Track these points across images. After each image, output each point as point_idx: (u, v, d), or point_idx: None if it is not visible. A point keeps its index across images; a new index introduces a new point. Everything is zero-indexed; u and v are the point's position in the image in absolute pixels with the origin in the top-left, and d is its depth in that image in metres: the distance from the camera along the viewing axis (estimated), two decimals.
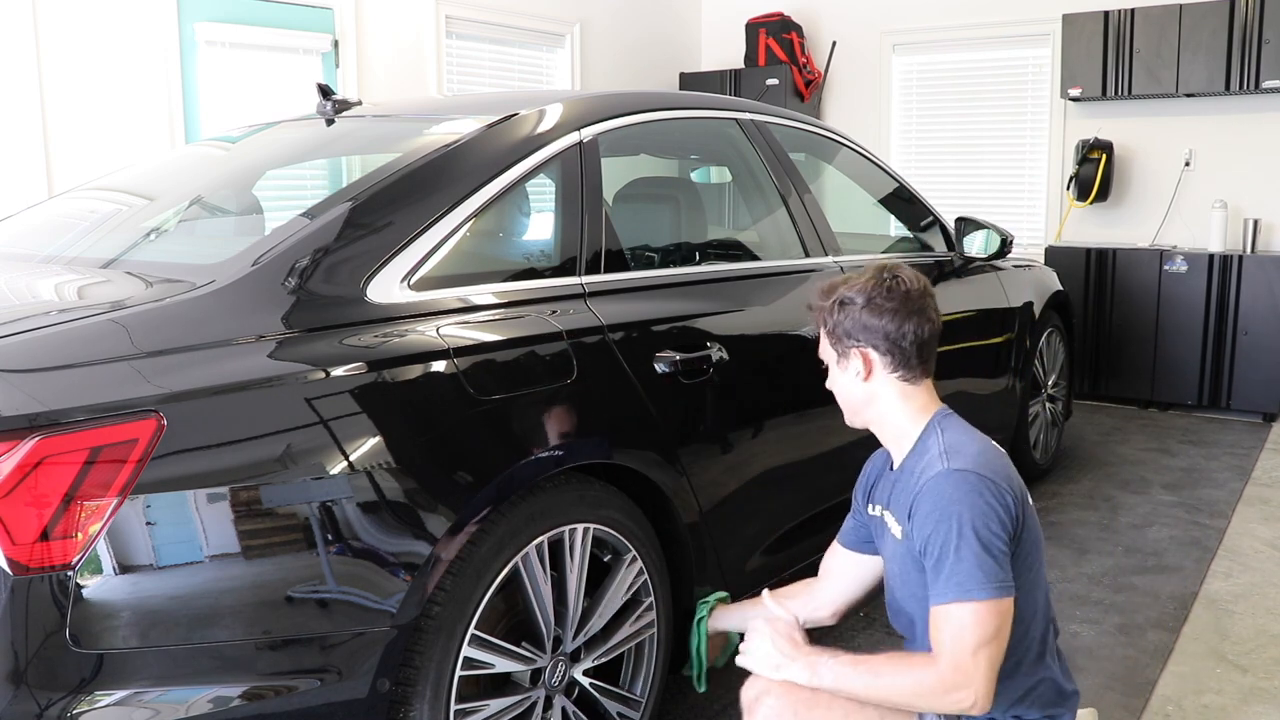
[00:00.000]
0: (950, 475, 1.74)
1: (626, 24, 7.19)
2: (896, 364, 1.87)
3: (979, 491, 1.71)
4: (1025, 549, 1.78)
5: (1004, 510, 1.72)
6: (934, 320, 1.89)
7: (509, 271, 2.36)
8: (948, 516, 1.70)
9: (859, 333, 1.87)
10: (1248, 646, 2.98)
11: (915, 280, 1.88)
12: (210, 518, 1.60)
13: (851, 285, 1.89)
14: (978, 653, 1.65)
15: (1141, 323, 5.92)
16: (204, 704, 1.59)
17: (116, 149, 4.50)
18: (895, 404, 1.90)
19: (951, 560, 1.68)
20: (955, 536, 1.68)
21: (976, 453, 1.78)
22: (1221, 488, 4.49)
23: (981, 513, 1.70)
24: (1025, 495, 1.81)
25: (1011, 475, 1.79)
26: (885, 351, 1.86)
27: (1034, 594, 1.83)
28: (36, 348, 1.60)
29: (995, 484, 1.73)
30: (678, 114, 2.89)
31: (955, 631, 1.67)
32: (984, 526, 1.69)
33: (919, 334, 1.85)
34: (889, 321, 1.85)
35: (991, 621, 1.66)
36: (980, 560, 1.67)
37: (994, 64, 6.79)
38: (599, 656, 2.20)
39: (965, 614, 1.66)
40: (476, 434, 1.93)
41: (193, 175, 2.84)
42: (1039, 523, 1.87)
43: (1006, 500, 1.73)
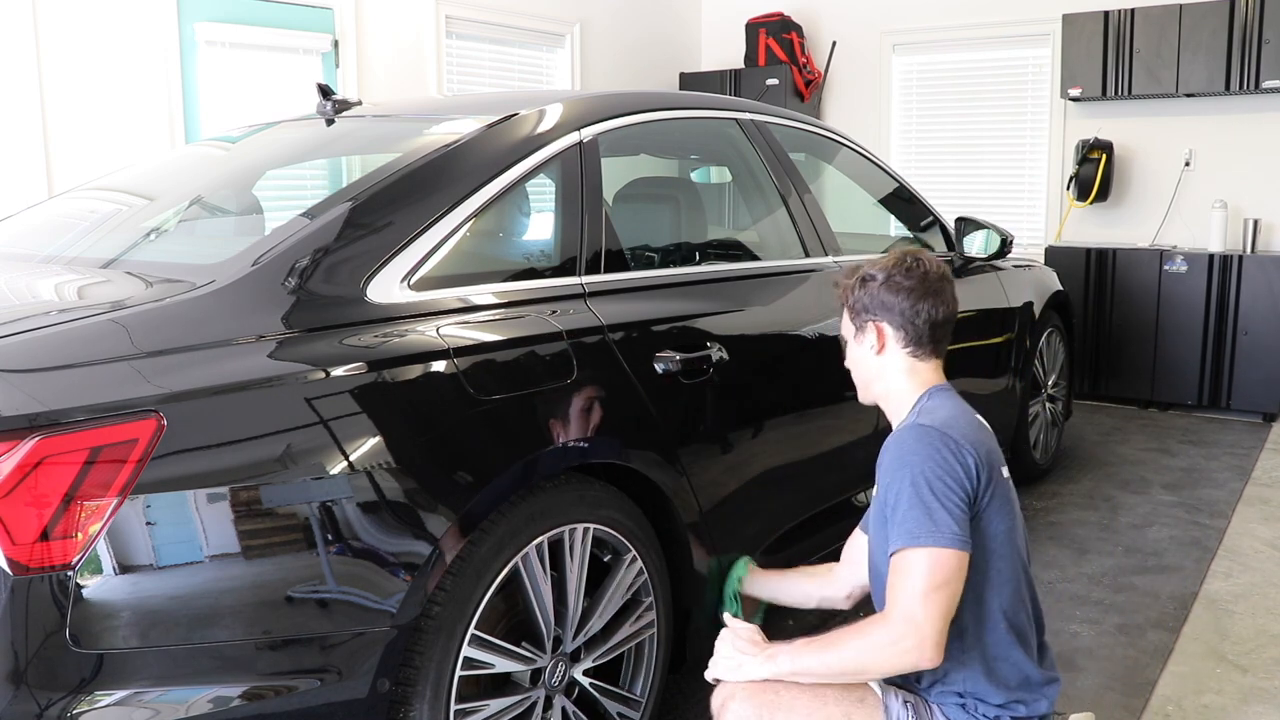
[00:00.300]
0: (913, 428, 1.82)
1: (626, 24, 7.19)
2: (908, 340, 1.95)
3: (935, 445, 1.77)
4: (990, 516, 1.81)
5: (961, 468, 1.75)
6: (949, 304, 1.97)
7: (509, 271, 2.36)
8: (904, 465, 1.77)
9: (876, 308, 1.97)
10: (1248, 646, 2.99)
11: (935, 264, 1.97)
12: (210, 518, 1.60)
13: (874, 264, 2.00)
14: (925, 600, 1.68)
15: (1141, 323, 5.92)
16: (204, 704, 1.59)
17: (116, 149, 4.50)
18: (902, 379, 1.98)
19: (904, 508, 1.73)
20: (910, 484, 1.74)
21: (947, 416, 1.84)
22: (1221, 488, 4.49)
23: (936, 464, 1.75)
24: (995, 462, 1.84)
25: (980, 440, 1.82)
26: (898, 327, 1.95)
27: (998, 565, 1.83)
28: (36, 348, 1.60)
29: (955, 442, 1.77)
30: (678, 114, 2.89)
31: (903, 579, 1.71)
32: (937, 478, 1.73)
33: (932, 314, 1.94)
34: (904, 299, 1.94)
35: (940, 570, 1.69)
36: (930, 509, 1.71)
37: (994, 64, 6.79)
38: (599, 656, 2.20)
39: (913, 560, 1.70)
40: (476, 434, 1.93)
41: (193, 175, 2.84)
42: (1014, 499, 1.89)
43: (966, 459, 1.77)
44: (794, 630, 3.09)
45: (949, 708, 1.85)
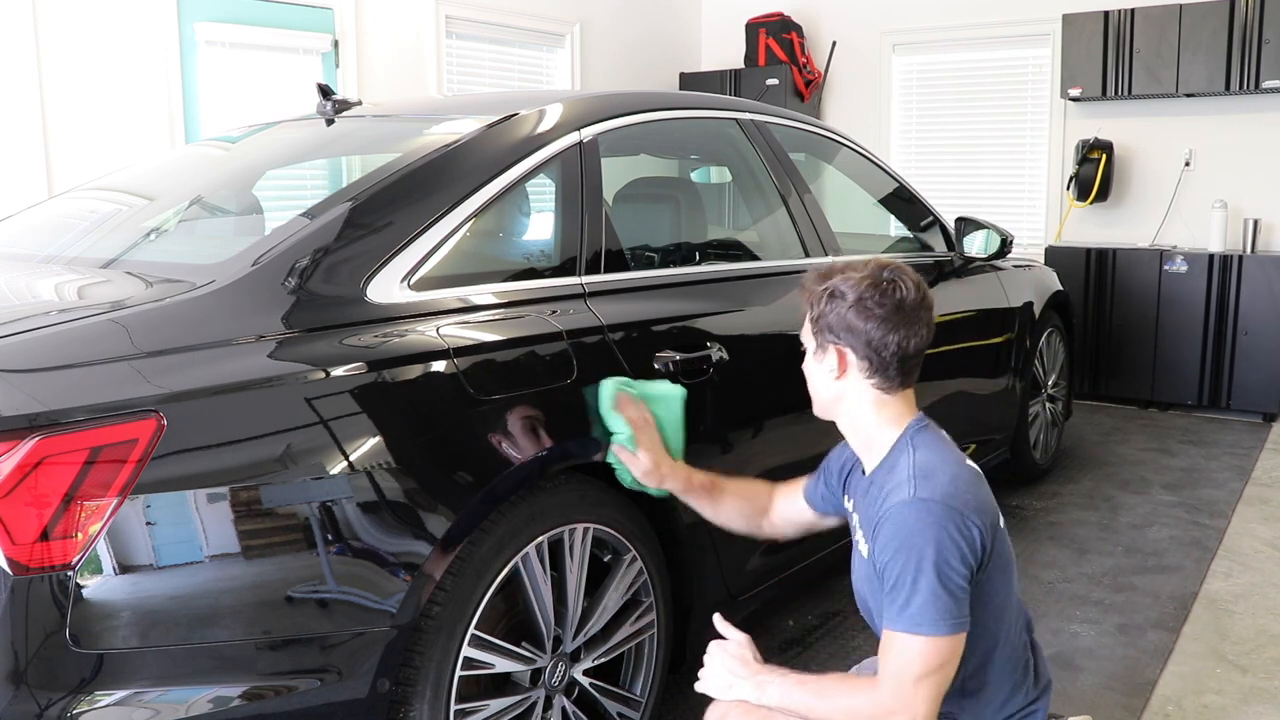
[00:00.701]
0: (915, 505, 1.67)
1: (626, 24, 7.19)
2: (872, 371, 1.77)
3: (943, 525, 1.64)
4: (992, 576, 1.73)
5: (968, 545, 1.66)
6: (923, 334, 1.78)
7: (509, 271, 2.36)
8: (908, 549, 1.65)
9: (841, 330, 1.77)
10: (1248, 646, 2.98)
11: (914, 289, 1.77)
12: (210, 518, 1.60)
13: (847, 278, 1.77)
14: (920, 683, 1.63)
15: (1141, 323, 5.92)
16: (204, 704, 1.59)
17: (116, 149, 4.50)
18: (866, 410, 1.81)
19: (907, 592, 1.64)
20: (914, 570, 1.63)
21: (948, 480, 1.70)
22: (1221, 488, 4.49)
23: (943, 548, 1.64)
24: (996, 522, 1.75)
25: (982, 503, 1.73)
26: (863, 356, 1.77)
27: (1001, 616, 1.78)
28: (36, 348, 1.60)
29: (962, 516, 1.66)
30: (678, 114, 2.89)
31: (901, 661, 1.64)
32: (944, 562, 1.63)
33: (903, 346, 1.75)
34: (874, 328, 1.74)
35: (939, 656, 1.63)
36: (936, 596, 1.62)
37: (994, 64, 6.79)
38: (599, 656, 2.20)
39: (914, 645, 1.63)
40: (476, 434, 1.93)
41: (193, 175, 2.84)
42: (1010, 547, 1.82)
43: (972, 534, 1.66)
44: (793, 630, 3.10)
45: None
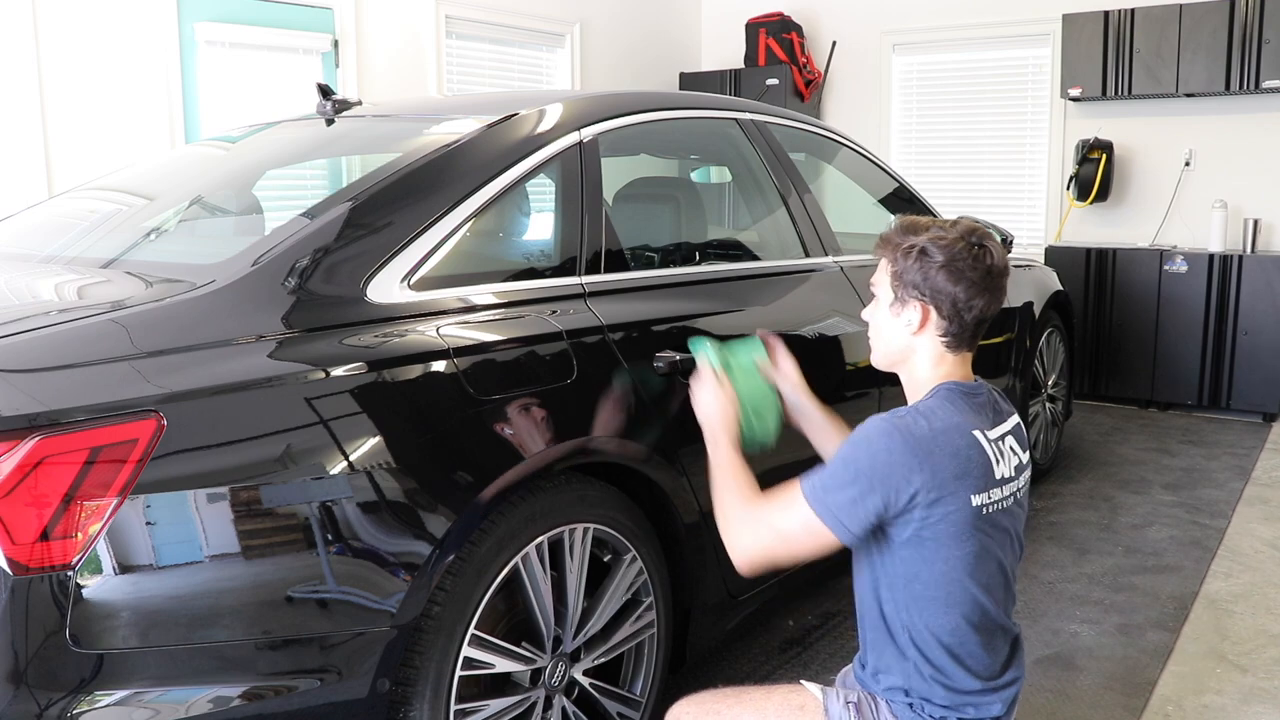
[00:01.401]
0: (888, 419, 1.72)
1: (626, 24, 7.19)
2: (949, 330, 1.82)
3: (895, 449, 1.67)
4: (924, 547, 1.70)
5: (901, 476, 1.66)
6: (1000, 301, 1.86)
7: (509, 271, 2.36)
8: (853, 442, 1.72)
9: (927, 288, 1.80)
10: (1248, 646, 2.98)
11: (1000, 257, 1.83)
12: (210, 518, 1.60)
13: (937, 238, 1.80)
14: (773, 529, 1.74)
15: (1141, 323, 5.92)
16: (204, 704, 1.59)
17: (116, 149, 4.50)
18: (928, 366, 1.85)
19: (829, 469, 1.71)
20: (840, 459, 1.71)
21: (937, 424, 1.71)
22: (1221, 488, 4.49)
23: (874, 460, 1.67)
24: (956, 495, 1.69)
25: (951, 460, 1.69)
26: (946, 316, 1.80)
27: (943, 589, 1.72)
28: (36, 348, 1.60)
29: (914, 452, 1.67)
30: (678, 114, 2.89)
31: (782, 505, 1.75)
32: (872, 475, 1.66)
33: (984, 312, 1.82)
34: (963, 290, 1.78)
35: (794, 520, 1.71)
36: (842, 489, 1.68)
37: (994, 64, 6.79)
38: (599, 656, 2.20)
39: (798, 504, 1.72)
40: (476, 434, 1.93)
41: (193, 175, 2.84)
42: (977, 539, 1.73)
43: (912, 475, 1.66)
44: (793, 630, 3.10)
45: (897, 705, 1.78)
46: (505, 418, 1.97)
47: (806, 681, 1.85)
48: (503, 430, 1.96)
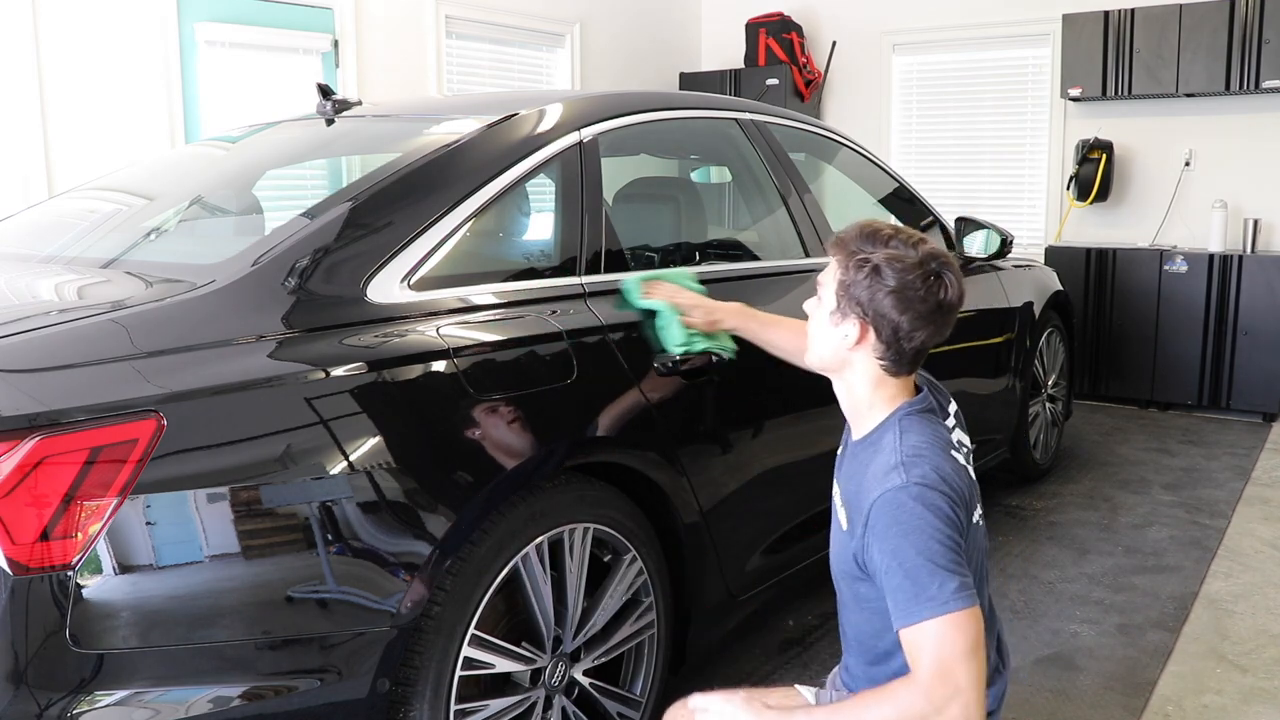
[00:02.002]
0: (910, 490, 1.64)
1: (626, 24, 7.19)
2: (886, 354, 1.74)
3: (939, 507, 1.62)
4: None
5: (956, 521, 1.63)
6: (943, 334, 1.76)
7: (509, 271, 2.36)
8: (908, 537, 1.61)
9: (869, 307, 1.71)
10: (1248, 646, 2.98)
11: (956, 290, 1.72)
12: (210, 518, 1.60)
13: (894, 258, 1.70)
14: (963, 662, 1.56)
15: (1141, 323, 5.92)
16: (204, 704, 1.59)
17: (116, 149, 4.50)
18: (866, 382, 1.78)
19: (924, 580, 1.59)
20: (925, 555, 1.60)
21: (934, 465, 1.67)
22: (1221, 488, 4.49)
23: (942, 527, 1.61)
24: (973, 505, 1.72)
25: (964, 488, 1.69)
26: (884, 341, 1.72)
27: None
28: (36, 348, 1.60)
29: (950, 498, 1.64)
30: (678, 114, 2.89)
31: (936, 645, 1.57)
32: (944, 543, 1.60)
33: (925, 343, 1.73)
34: (908, 319, 1.70)
35: (972, 629, 1.57)
36: (950, 573, 1.59)
37: (994, 64, 6.79)
38: (599, 656, 2.20)
39: (944, 627, 1.57)
40: (477, 434, 1.93)
41: (193, 175, 2.84)
42: (984, 537, 1.80)
43: (958, 514, 1.64)
44: (793, 630, 3.09)
45: None
46: (505, 418, 1.97)
47: (800, 686, 1.84)
48: (503, 430, 1.96)
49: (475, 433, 1.92)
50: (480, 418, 1.93)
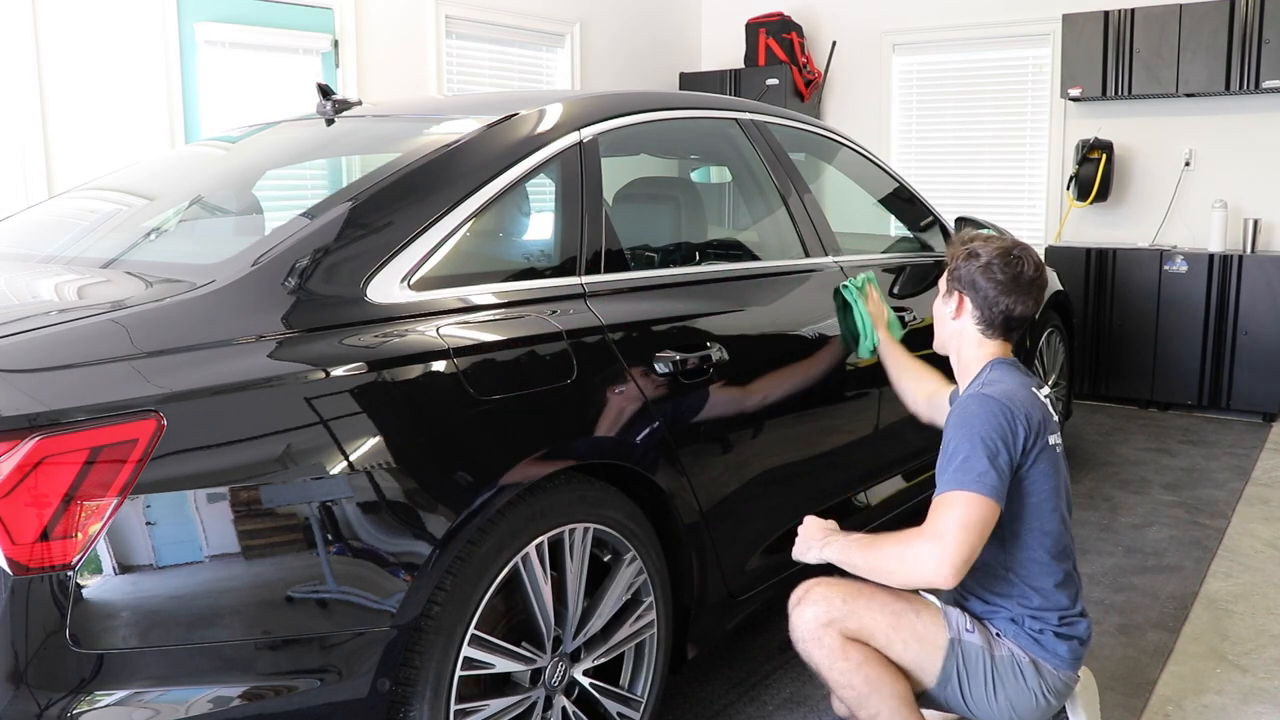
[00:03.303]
0: (977, 397, 2.09)
1: (626, 24, 7.19)
2: (980, 320, 2.23)
3: (994, 412, 2.04)
4: (1035, 476, 2.07)
5: (1012, 433, 2.03)
6: (1030, 305, 2.21)
7: (509, 271, 2.36)
8: (964, 425, 2.05)
9: (966, 283, 2.23)
10: (1248, 646, 2.99)
11: (1034, 267, 2.21)
12: (210, 518, 1.60)
13: (986, 243, 2.23)
14: (955, 532, 1.96)
15: (1141, 323, 5.92)
16: (204, 704, 1.59)
17: (116, 149, 4.50)
18: (970, 348, 2.27)
19: (959, 460, 2.02)
20: (966, 442, 2.02)
21: (1008, 388, 2.11)
22: (1221, 488, 4.49)
23: (991, 428, 2.02)
24: (1045, 431, 2.10)
25: (1033, 411, 2.08)
26: (977, 306, 2.22)
27: (1040, 517, 2.10)
28: (36, 348, 1.60)
29: (1011, 411, 2.05)
30: (678, 114, 2.89)
31: (942, 510, 2.00)
32: (990, 438, 2.01)
33: (1009, 310, 2.20)
34: (992, 289, 2.19)
35: (973, 512, 1.97)
36: (978, 462, 1.99)
37: (994, 64, 6.79)
38: (599, 656, 2.20)
39: (955, 500, 1.99)
40: (476, 434, 1.93)
41: (193, 175, 2.84)
42: (1060, 464, 2.15)
43: (1017, 426, 2.04)
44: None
45: (999, 620, 2.15)
46: (505, 418, 1.97)
47: (925, 592, 2.19)
48: (503, 430, 1.96)
49: (475, 433, 1.92)
50: (480, 418, 1.93)
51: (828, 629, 2.09)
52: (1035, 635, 2.13)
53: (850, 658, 2.07)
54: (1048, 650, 2.12)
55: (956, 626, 2.13)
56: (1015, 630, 2.14)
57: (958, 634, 2.12)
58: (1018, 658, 2.11)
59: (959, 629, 2.13)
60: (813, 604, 2.12)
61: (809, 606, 2.13)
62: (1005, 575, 2.14)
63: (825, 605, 2.11)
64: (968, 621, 2.14)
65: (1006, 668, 2.10)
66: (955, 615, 2.15)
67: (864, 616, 2.09)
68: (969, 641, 2.12)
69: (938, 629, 2.12)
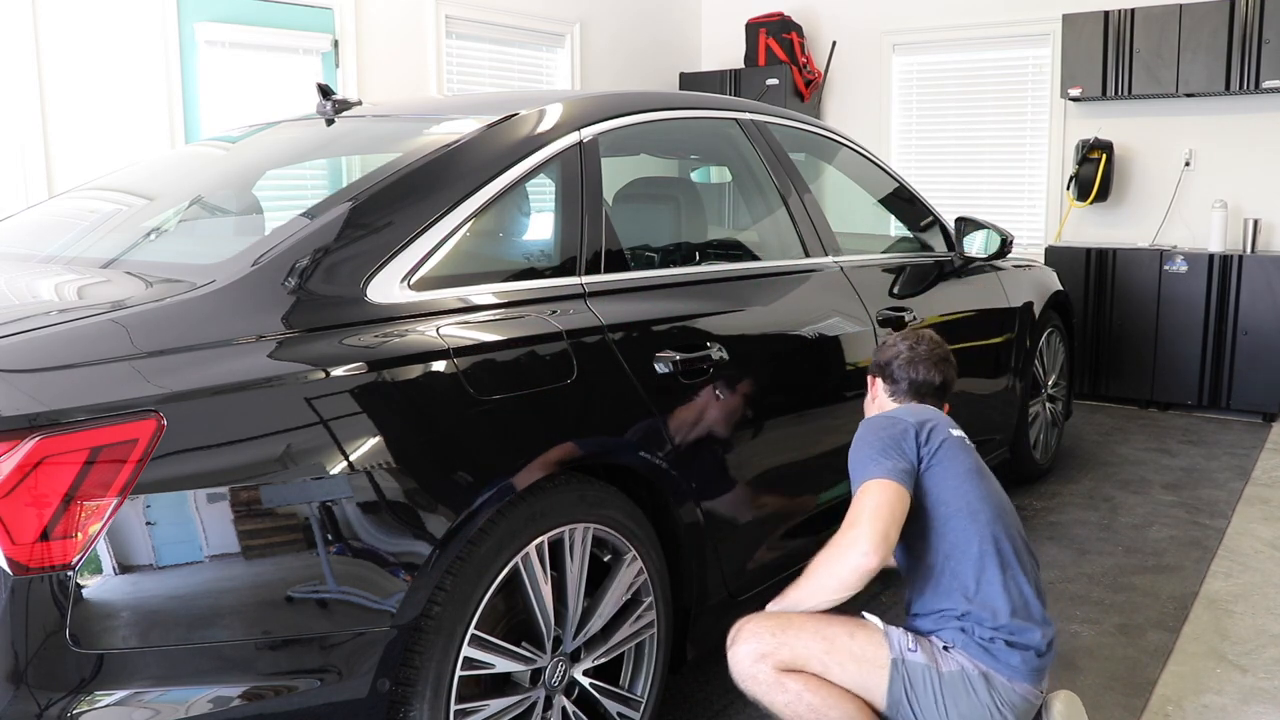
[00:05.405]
0: (861, 424, 2.30)
1: (627, 24, 7.19)
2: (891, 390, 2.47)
3: (876, 425, 2.24)
4: (944, 460, 2.17)
5: (900, 433, 2.18)
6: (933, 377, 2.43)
7: (509, 271, 2.36)
8: (855, 447, 2.21)
9: (874, 368, 2.52)
10: (1248, 646, 2.99)
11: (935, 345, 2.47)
12: (210, 518, 1.60)
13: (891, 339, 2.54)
14: (866, 513, 2.05)
15: (1141, 323, 5.92)
16: (204, 704, 1.59)
17: (116, 149, 4.50)
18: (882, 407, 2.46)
19: (856, 469, 2.16)
20: (858, 455, 2.18)
21: (893, 410, 2.34)
22: (1221, 488, 4.49)
23: (878, 432, 2.20)
24: (936, 425, 2.23)
25: (919, 415, 2.25)
26: (888, 381, 2.47)
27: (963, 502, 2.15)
28: (36, 348, 1.60)
29: (892, 418, 2.25)
30: (678, 114, 2.89)
31: (854, 504, 2.10)
32: (878, 440, 2.17)
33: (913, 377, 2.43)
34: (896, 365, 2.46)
35: (879, 493, 2.07)
36: (872, 459, 2.13)
37: (994, 64, 6.79)
38: (599, 656, 2.20)
39: (859, 493, 2.10)
40: (476, 434, 1.93)
41: (193, 175, 2.84)
42: (975, 458, 2.25)
43: (906, 427, 2.20)
44: None
45: (948, 631, 2.13)
46: (505, 418, 1.97)
47: (866, 613, 2.20)
48: (503, 430, 1.96)
49: (475, 433, 1.92)
50: (480, 418, 1.93)
51: (760, 663, 2.08)
52: (984, 644, 2.08)
53: (788, 689, 2.06)
54: (999, 660, 2.07)
55: (899, 646, 2.09)
56: (965, 640, 2.09)
57: (900, 654, 2.08)
58: (967, 671, 2.06)
59: (901, 649, 2.08)
60: (744, 641, 2.12)
61: (741, 644, 2.12)
62: (940, 578, 2.14)
63: (755, 641, 2.09)
64: (910, 640, 2.10)
65: (956, 683, 2.06)
66: (897, 635, 2.11)
67: (795, 646, 2.07)
68: (913, 660, 2.07)
69: (876, 648, 2.08)
